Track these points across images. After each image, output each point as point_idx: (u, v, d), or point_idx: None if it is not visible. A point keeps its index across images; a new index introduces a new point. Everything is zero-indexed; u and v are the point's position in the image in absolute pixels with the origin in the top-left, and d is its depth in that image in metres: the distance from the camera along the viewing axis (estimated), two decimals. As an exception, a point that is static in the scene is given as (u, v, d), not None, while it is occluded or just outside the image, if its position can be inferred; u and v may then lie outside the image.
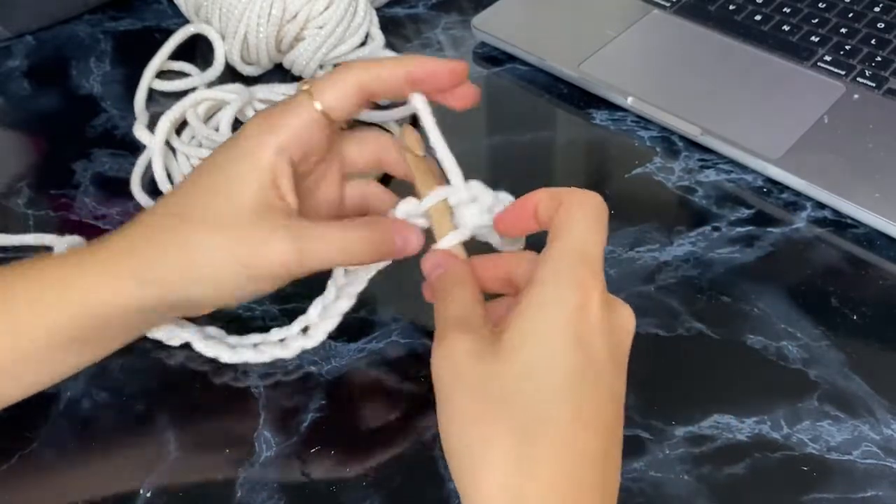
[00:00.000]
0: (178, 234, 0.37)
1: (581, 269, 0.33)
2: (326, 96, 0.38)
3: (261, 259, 0.37)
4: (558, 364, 0.32)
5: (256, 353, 0.44)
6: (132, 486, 0.40)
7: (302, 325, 0.44)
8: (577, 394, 0.32)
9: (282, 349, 0.44)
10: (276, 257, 0.36)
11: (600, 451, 0.32)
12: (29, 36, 0.67)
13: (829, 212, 0.51)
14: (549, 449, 0.31)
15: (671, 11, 0.64)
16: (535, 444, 0.31)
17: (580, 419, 0.31)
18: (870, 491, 0.39)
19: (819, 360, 0.44)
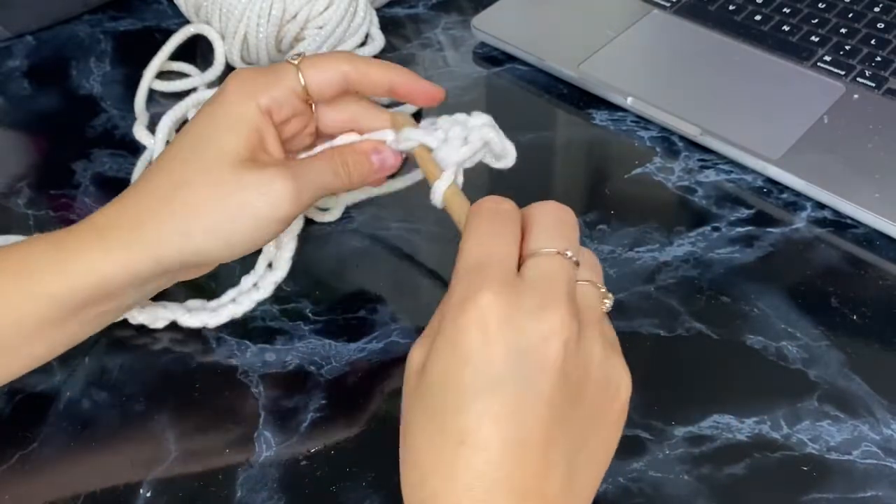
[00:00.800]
0: (167, 193, 0.38)
1: (463, 275, 0.32)
2: (312, 75, 0.40)
3: (265, 208, 0.38)
4: (456, 369, 0.31)
5: (237, 305, 0.46)
6: (132, 485, 0.40)
7: (265, 262, 0.46)
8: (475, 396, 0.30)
9: (256, 292, 0.46)
10: (276, 195, 0.38)
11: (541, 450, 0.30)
12: (29, 36, 0.67)
13: (829, 212, 0.51)
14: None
15: (671, 11, 0.64)
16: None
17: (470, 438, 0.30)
18: (870, 491, 0.39)
19: (819, 360, 0.44)
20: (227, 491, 0.40)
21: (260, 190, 0.38)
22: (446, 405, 0.30)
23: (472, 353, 0.30)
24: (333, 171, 0.41)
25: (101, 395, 0.44)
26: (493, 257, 0.32)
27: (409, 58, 0.64)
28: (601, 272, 0.36)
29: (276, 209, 0.38)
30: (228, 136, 0.38)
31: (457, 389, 0.30)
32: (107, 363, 0.46)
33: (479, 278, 0.31)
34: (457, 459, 0.30)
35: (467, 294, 0.31)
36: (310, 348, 0.46)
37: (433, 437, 0.31)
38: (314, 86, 0.41)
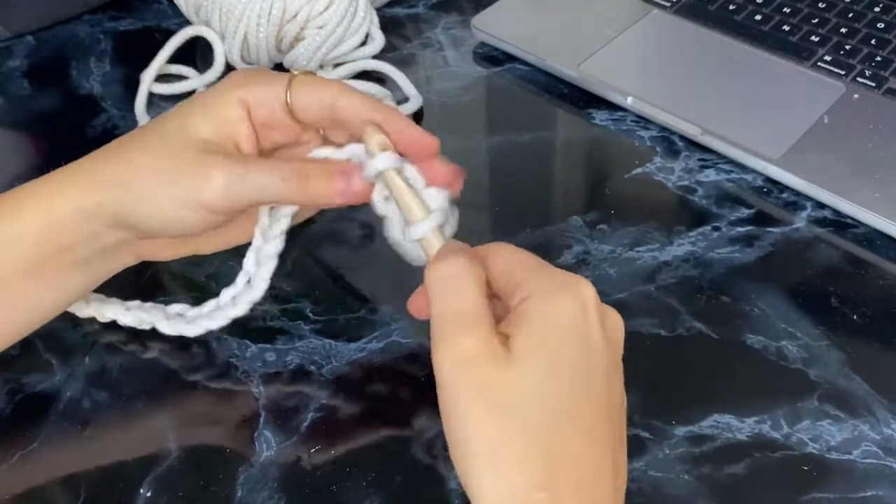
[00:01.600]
0: (127, 152, 0.39)
1: (560, 273, 0.34)
2: (302, 96, 0.40)
3: (197, 191, 0.37)
4: (569, 372, 0.32)
5: (211, 320, 0.44)
6: (132, 485, 0.40)
7: (245, 278, 0.44)
8: (588, 403, 0.32)
9: (234, 308, 0.44)
10: (211, 190, 0.37)
11: (610, 462, 0.32)
12: (29, 36, 0.67)
13: (829, 212, 0.51)
14: (561, 460, 0.31)
15: (671, 11, 0.64)
16: (548, 453, 0.31)
17: (592, 431, 0.31)
18: (870, 491, 0.39)
19: (819, 360, 0.44)
20: (227, 491, 0.40)
21: (196, 171, 0.38)
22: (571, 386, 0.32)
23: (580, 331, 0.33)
24: (282, 176, 0.38)
25: (101, 395, 0.44)
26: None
27: (409, 58, 0.64)
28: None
29: (200, 193, 0.37)
30: (197, 118, 0.39)
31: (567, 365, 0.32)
32: (107, 363, 0.46)
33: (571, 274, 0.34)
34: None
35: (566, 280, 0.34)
36: (310, 348, 0.46)
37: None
38: (301, 104, 0.40)
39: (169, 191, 0.38)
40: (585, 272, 0.48)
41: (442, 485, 0.40)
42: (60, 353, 0.46)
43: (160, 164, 0.38)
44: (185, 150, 0.38)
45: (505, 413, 0.31)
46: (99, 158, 0.39)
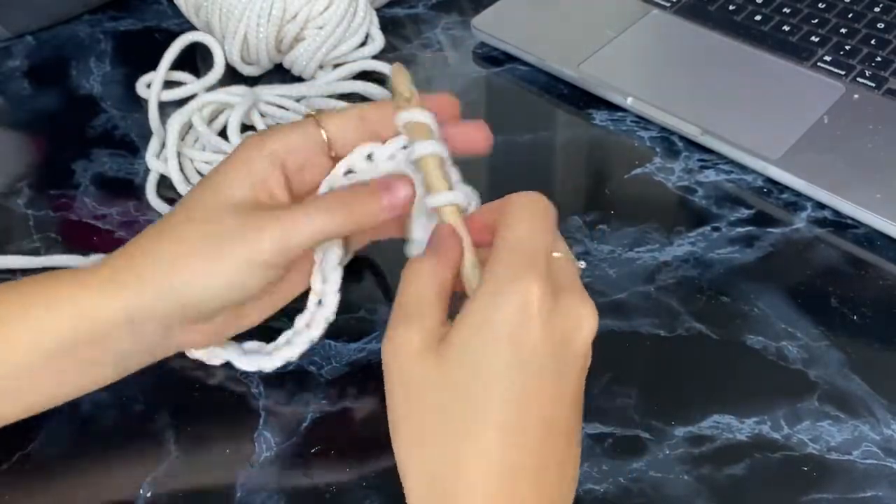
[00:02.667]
0: (162, 233, 0.38)
1: (519, 267, 0.33)
2: (331, 125, 0.39)
3: (248, 250, 0.36)
4: (495, 369, 0.32)
5: (291, 347, 0.42)
6: (132, 486, 0.40)
7: (316, 299, 0.42)
8: (510, 400, 0.32)
9: (311, 330, 0.42)
10: (258, 240, 0.36)
11: (536, 461, 0.32)
12: (29, 36, 0.67)
13: (829, 212, 0.51)
14: (474, 460, 0.31)
15: (671, 11, 0.64)
16: (458, 453, 0.31)
17: (512, 429, 0.31)
18: (870, 491, 0.39)
19: (819, 360, 0.44)
20: (227, 491, 0.40)
21: (244, 231, 0.36)
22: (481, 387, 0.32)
23: (513, 333, 0.32)
24: (331, 217, 0.37)
25: (101, 395, 0.44)
26: (540, 249, 0.34)
27: (410, 58, 0.64)
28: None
29: (258, 253, 0.36)
30: (229, 181, 0.38)
31: (491, 367, 0.32)
32: (107, 363, 0.46)
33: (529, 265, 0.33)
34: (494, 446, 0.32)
35: (518, 272, 0.33)
36: (310, 348, 0.46)
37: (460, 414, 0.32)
38: (334, 131, 0.39)
39: (218, 265, 0.36)
40: (585, 272, 0.48)
41: (442, 485, 0.40)
42: (60, 353, 0.46)
43: (204, 237, 0.37)
44: (225, 214, 0.37)
45: (421, 407, 0.32)
46: (139, 249, 0.38)
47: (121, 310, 0.36)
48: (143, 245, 0.38)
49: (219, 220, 0.37)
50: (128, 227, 0.52)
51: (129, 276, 0.37)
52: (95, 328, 0.36)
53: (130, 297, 0.36)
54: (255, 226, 0.37)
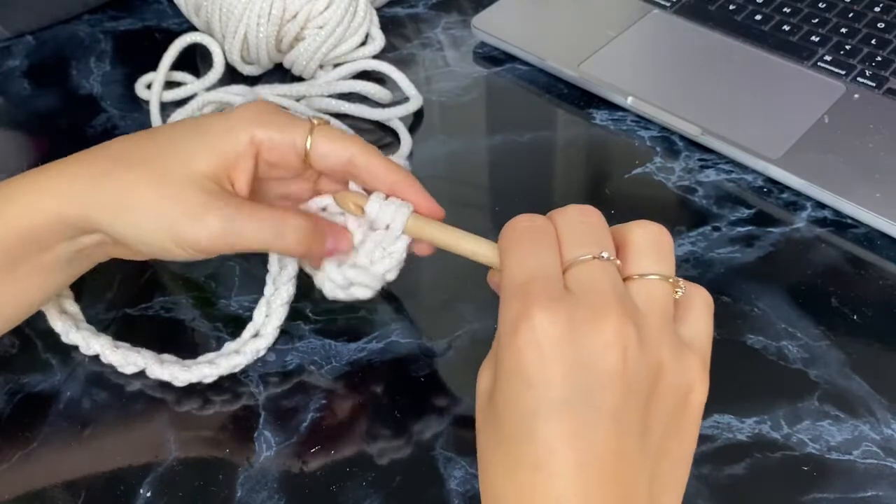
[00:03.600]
0: (119, 176, 0.38)
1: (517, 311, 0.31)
2: (320, 145, 0.40)
3: (187, 231, 0.37)
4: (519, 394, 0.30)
5: (212, 367, 0.44)
6: (132, 485, 0.40)
7: (252, 331, 0.45)
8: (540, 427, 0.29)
9: (238, 356, 0.44)
10: (202, 234, 0.37)
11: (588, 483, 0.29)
12: (29, 36, 0.67)
13: (829, 212, 0.51)
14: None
15: (671, 11, 0.64)
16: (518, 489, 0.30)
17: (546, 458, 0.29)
18: (870, 491, 0.39)
19: (819, 360, 0.44)
20: (227, 491, 0.40)
21: (190, 213, 0.37)
22: (515, 432, 0.30)
23: (531, 375, 0.29)
24: (277, 232, 0.38)
25: (101, 395, 0.44)
26: (538, 273, 0.31)
27: (409, 57, 0.64)
28: (668, 255, 0.33)
29: (190, 235, 0.38)
30: (204, 150, 0.39)
31: (524, 415, 0.30)
32: (107, 363, 0.46)
33: (528, 297, 0.30)
34: (534, 488, 0.29)
35: (518, 315, 0.30)
36: (310, 348, 0.46)
37: (507, 466, 0.30)
38: (318, 154, 0.40)
39: (162, 229, 0.38)
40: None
41: (442, 485, 0.40)
42: (60, 353, 0.46)
43: (160, 199, 0.38)
44: (185, 187, 0.38)
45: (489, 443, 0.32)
46: (97, 170, 0.39)
47: (57, 212, 0.38)
48: (105, 167, 0.39)
49: (177, 191, 0.38)
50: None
51: (76, 187, 0.38)
52: (39, 234, 0.38)
53: (70, 204, 0.38)
54: (203, 210, 0.37)
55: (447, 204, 0.42)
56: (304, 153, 0.40)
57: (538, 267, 0.32)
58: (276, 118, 0.40)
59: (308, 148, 0.40)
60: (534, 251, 0.32)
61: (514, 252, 0.33)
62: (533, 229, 0.33)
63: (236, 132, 0.39)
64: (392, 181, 0.40)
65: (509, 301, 0.31)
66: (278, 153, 0.40)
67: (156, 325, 0.47)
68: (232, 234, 0.38)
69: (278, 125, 0.40)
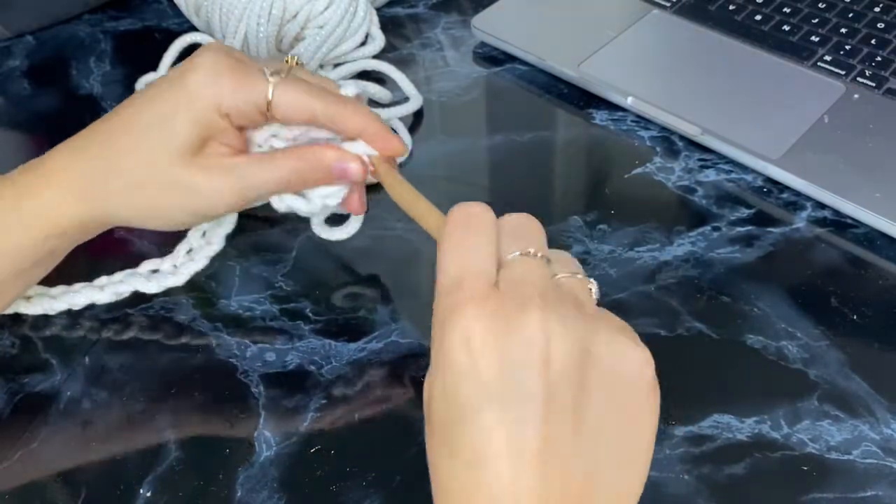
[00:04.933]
0: (116, 161, 0.40)
1: (443, 294, 0.31)
2: (284, 96, 0.41)
3: (199, 198, 0.40)
4: (454, 387, 0.30)
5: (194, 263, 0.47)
6: (132, 485, 0.40)
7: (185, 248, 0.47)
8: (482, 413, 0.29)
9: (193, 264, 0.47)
10: (218, 197, 0.40)
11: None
12: (29, 36, 0.67)
13: (829, 212, 0.51)
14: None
15: (671, 11, 0.64)
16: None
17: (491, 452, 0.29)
18: (870, 491, 0.39)
19: (819, 360, 0.44)
20: (227, 491, 0.40)
21: (202, 193, 0.40)
22: (451, 428, 0.30)
23: (461, 371, 0.30)
24: (281, 179, 0.41)
25: (101, 395, 0.44)
26: (468, 271, 0.32)
27: (409, 58, 0.64)
28: (576, 264, 0.35)
29: (215, 209, 0.41)
30: (184, 128, 0.40)
31: (457, 410, 0.30)
32: (107, 363, 0.46)
33: (457, 295, 0.31)
34: (470, 482, 0.29)
35: (447, 313, 0.30)
36: (310, 348, 0.46)
37: (446, 462, 0.30)
38: (280, 104, 0.41)
39: (174, 213, 0.40)
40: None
41: (442, 485, 0.40)
42: (60, 353, 0.46)
43: (160, 193, 0.40)
44: (182, 172, 0.40)
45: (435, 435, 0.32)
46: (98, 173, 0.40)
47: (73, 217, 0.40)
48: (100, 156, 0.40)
49: (169, 172, 0.39)
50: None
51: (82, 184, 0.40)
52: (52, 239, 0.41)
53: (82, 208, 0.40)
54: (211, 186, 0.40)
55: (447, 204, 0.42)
56: (267, 108, 0.41)
57: (468, 263, 0.32)
58: (235, 77, 0.40)
59: (270, 107, 0.41)
60: (465, 245, 0.32)
61: (448, 245, 0.33)
62: (467, 220, 0.33)
63: (203, 109, 0.40)
64: (359, 130, 0.42)
65: (441, 297, 0.31)
66: (245, 118, 0.41)
67: (157, 326, 0.47)
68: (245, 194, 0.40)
69: (237, 88, 0.40)
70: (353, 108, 0.42)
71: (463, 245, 0.32)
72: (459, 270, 0.32)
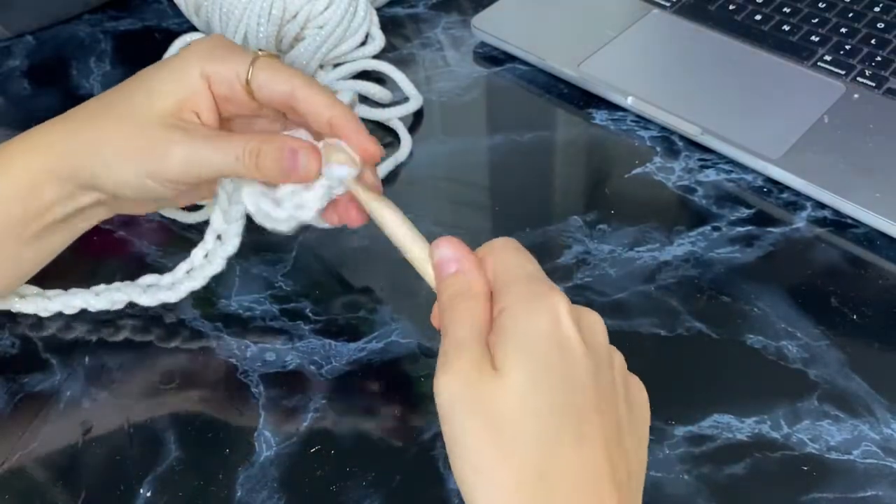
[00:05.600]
0: (99, 120, 0.41)
1: (537, 284, 0.33)
2: (261, 79, 0.41)
3: (156, 164, 0.40)
4: (553, 381, 0.31)
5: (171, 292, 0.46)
6: (132, 485, 0.40)
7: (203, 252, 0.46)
8: (573, 407, 0.31)
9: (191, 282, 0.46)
10: (169, 164, 0.40)
11: (604, 459, 0.31)
12: (29, 36, 0.67)
13: (829, 212, 0.51)
14: (555, 469, 0.31)
15: (671, 11, 0.64)
16: (542, 464, 0.31)
17: (582, 434, 0.31)
18: (870, 491, 0.39)
19: (819, 360, 0.44)
20: (227, 491, 0.40)
21: (157, 147, 0.40)
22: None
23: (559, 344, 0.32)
24: (236, 156, 0.40)
25: (101, 395, 0.44)
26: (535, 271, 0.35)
27: (409, 57, 0.64)
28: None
29: (161, 168, 0.40)
30: (163, 88, 0.41)
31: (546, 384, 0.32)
32: (107, 363, 0.46)
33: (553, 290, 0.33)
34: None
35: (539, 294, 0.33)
36: (310, 348, 0.46)
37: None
38: (257, 85, 0.41)
39: (133, 164, 0.40)
40: (585, 272, 0.48)
41: (442, 485, 0.40)
42: (60, 353, 0.46)
43: (128, 137, 0.40)
44: (150, 124, 0.40)
45: (498, 428, 0.31)
46: (74, 123, 0.42)
47: (48, 166, 0.41)
48: (81, 119, 0.42)
49: (144, 128, 0.40)
50: (128, 226, 0.52)
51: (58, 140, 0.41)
52: (33, 188, 0.40)
53: (58, 158, 0.41)
54: (167, 143, 0.40)
55: (447, 204, 0.42)
56: (247, 86, 0.41)
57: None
58: (223, 51, 0.42)
59: (248, 80, 0.41)
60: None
61: (526, 253, 0.35)
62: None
63: (187, 69, 0.41)
64: (330, 116, 0.41)
65: (539, 286, 0.34)
66: (226, 87, 0.41)
67: (157, 325, 0.47)
68: (196, 162, 0.40)
69: (223, 58, 0.41)
70: (331, 97, 0.41)
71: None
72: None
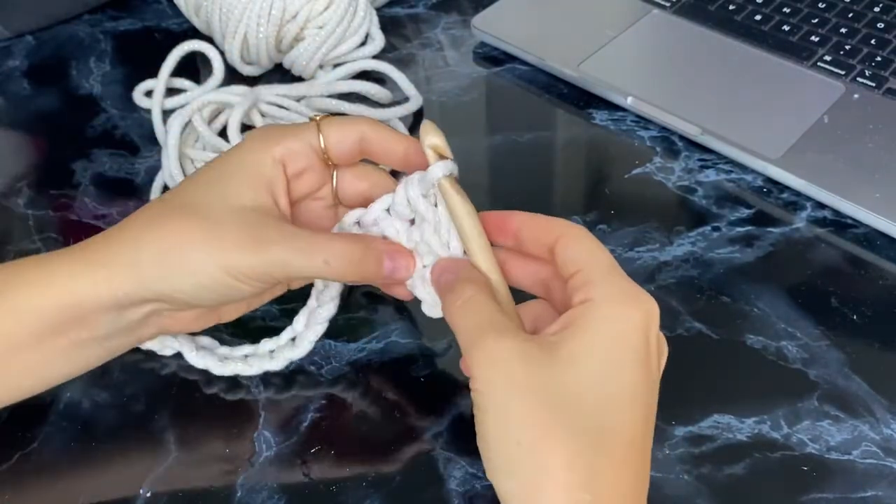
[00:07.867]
0: (157, 223, 0.37)
1: (630, 284, 0.34)
2: (331, 134, 0.40)
3: (240, 262, 0.36)
4: (626, 379, 0.32)
5: (245, 365, 0.44)
6: (132, 486, 0.40)
7: (290, 335, 0.45)
8: (639, 410, 0.32)
9: (270, 361, 0.44)
10: (255, 263, 0.36)
11: (644, 474, 0.33)
12: (29, 36, 0.67)
13: (829, 212, 0.51)
14: (613, 462, 0.31)
15: (671, 11, 0.64)
16: (599, 454, 0.31)
17: (639, 436, 0.32)
18: (870, 491, 0.39)
19: (819, 360, 0.44)
20: (227, 491, 0.40)
21: (248, 244, 0.36)
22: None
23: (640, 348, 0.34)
24: (324, 259, 0.37)
25: (101, 396, 0.44)
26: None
27: (409, 57, 0.64)
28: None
29: (251, 267, 0.36)
30: (239, 185, 0.38)
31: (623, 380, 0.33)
32: (107, 364, 0.45)
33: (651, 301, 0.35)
34: None
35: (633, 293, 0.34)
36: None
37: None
38: (332, 142, 0.40)
39: (213, 260, 0.36)
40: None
41: (442, 485, 0.40)
42: (60, 353, 0.46)
43: (205, 233, 0.36)
44: (230, 218, 0.37)
45: (552, 409, 0.31)
46: (136, 231, 0.38)
47: (109, 294, 0.36)
48: (135, 232, 0.38)
49: (223, 221, 0.37)
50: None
51: (120, 261, 0.37)
52: (83, 310, 0.37)
53: (123, 282, 0.36)
54: (262, 239, 0.36)
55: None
56: (322, 148, 0.40)
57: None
58: (286, 130, 0.40)
59: (322, 143, 0.40)
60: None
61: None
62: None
63: (261, 157, 0.39)
64: (405, 148, 0.40)
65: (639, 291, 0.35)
66: (302, 159, 0.40)
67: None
68: (269, 264, 0.36)
69: (291, 135, 0.40)
70: (396, 131, 0.41)
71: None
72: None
